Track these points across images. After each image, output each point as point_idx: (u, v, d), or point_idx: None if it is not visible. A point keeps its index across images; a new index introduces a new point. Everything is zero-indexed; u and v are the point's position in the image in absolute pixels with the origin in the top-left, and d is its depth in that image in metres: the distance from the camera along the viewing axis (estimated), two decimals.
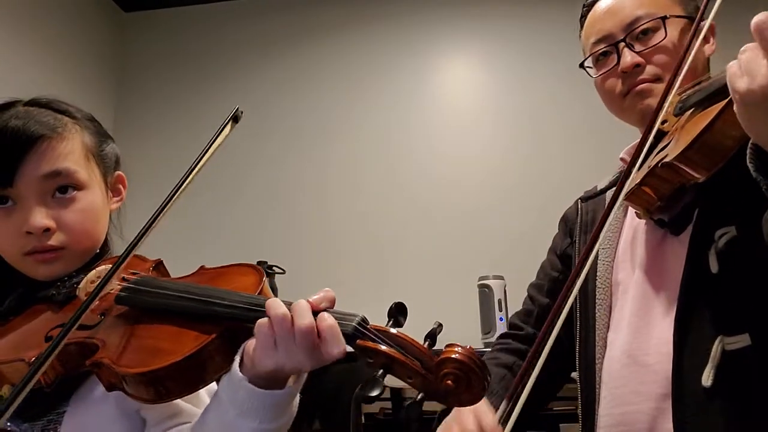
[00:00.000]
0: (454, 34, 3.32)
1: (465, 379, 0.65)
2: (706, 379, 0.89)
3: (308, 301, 0.73)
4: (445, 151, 3.17)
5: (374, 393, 0.65)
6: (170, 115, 3.42)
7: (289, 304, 0.73)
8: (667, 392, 0.94)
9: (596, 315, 1.10)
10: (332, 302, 0.74)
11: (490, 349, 1.31)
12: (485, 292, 2.57)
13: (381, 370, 0.68)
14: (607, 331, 1.07)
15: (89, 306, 0.74)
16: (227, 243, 3.13)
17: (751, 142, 0.79)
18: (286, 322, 0.70)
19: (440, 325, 0.74)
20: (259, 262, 2.86)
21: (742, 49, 0.75)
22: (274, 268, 2.84)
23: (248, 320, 0.75)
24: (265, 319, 0.72)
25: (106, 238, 1.02)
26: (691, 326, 0.93)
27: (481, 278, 2.61)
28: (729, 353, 0.89)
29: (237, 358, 0.75)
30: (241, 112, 0.91)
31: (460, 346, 0.66)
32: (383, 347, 0.68)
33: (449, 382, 0.65)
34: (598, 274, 1.12)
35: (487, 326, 2.51)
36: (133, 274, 0.90)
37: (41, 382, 0.81)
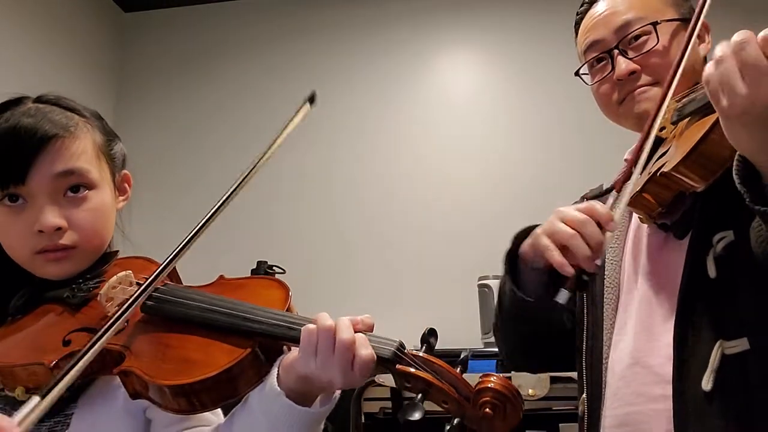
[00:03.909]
0: (455, 29, 3.31)
1: (502, 408, 0.70)
2: (706, 383, 0.89)
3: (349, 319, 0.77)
4: (446, 149, 3.16)
5: (415, 417, 0.69)
6: (169, 114, 3.41)
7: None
8: (668, 394, 0.94)
9: (604, 315, 1.10)
10: (370, 328, 0.78)
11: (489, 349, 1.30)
12: (485, 292, 2.57)
13: (420, 395, 0.72)
14: (613, 331, 1.08)
15: (120, 320, 0.75)
16: (228, 242, 3.12)
17: (738, 153, 0.80)
18: (331, 332, 0.74)
19: (470, 351, 0.78)
20: (259, 262, 2.86)
21: (718, 56, 0.75)
22: (274, 267, 2.84)
23: (287, 338, 0.78)
24: (312, 326, 0.75)
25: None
26: (690, 330, 0.93)
27: (481, 278, 2.61)
28: (728, 357, 0.89)
29: (274, 371, 0.77)
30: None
31: (496, 375, 0.71)
32: (421, 373, 0.72)
33: (488, 410, 0.69)
34: (606, 273, 1.12)
35: (487, 326, 2.51)
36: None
37: None
